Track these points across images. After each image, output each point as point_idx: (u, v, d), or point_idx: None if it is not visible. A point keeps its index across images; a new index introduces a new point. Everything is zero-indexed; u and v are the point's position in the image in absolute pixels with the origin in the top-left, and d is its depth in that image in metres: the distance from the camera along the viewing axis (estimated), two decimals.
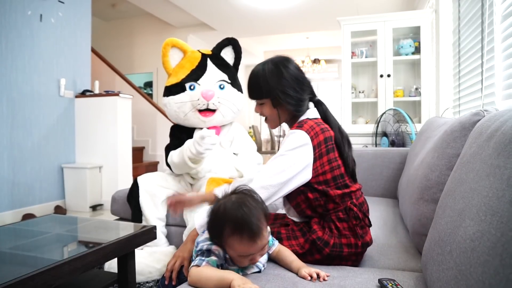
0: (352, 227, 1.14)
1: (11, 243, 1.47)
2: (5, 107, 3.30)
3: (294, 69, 1.22)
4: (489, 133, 0.78)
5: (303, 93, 1.22)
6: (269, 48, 9.00)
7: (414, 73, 3.65)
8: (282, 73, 1.19)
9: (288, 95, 1.18)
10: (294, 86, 1.20)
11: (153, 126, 5.72)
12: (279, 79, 1.18)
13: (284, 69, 1.20)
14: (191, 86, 2.19)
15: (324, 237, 1.12)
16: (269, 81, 1.19)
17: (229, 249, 0.96)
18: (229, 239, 0.94)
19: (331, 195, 1.15)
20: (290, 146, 1.12)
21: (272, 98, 1.20)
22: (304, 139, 1.12)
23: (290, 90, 1.19)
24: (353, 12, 5.25)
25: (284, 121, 1.27)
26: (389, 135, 3.24)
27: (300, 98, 1.21)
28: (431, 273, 0.82)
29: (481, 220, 0.64)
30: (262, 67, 1.22)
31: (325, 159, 1.15)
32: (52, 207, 3.70)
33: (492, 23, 1.91)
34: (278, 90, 1.18)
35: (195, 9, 5.63)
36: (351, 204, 1.17)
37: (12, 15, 3.34)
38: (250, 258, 0.96)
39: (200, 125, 2.23)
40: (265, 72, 1.20)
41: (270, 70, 1.20)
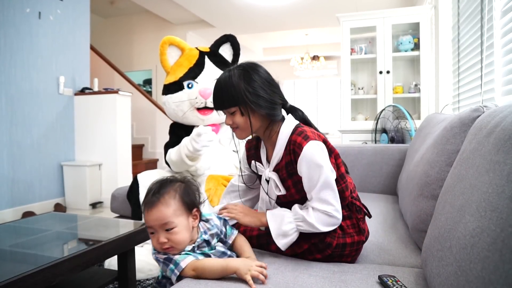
0: (356, 223, 1.13)
1: (12, 241, 1.47)
2: (4, 104, 3.29)
3: (264, 72, 1.15)
4: (488, 129, 0.77)
5: (275, 96, 1.14)
6: (268, 45, 8.98)
7: (413, 70, 3.64)
8: (252, 76, 1.10)
9: (260, 97, 1.09)
10: (266, 89, 1.11)
11: (152, 123, 5.71)
12: (249, 82, 1.09)
13: (253, 71, 1.12)
14: (189, 85, 2.19)
15: (326, 239, 1.09)
16: (239, 85, 1.09)
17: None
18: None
19: (346, 191, 1.12)
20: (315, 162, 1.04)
21: (243, 103, 1.09)
22: (319, 145, 1.06)
23: (262, 92, 1.10)
24: (352, 9, 5.24)
25: (257, 129, 1.15)
26: (389, 132, 3.24)
27: (273, 101, 1.12)
28: (431, 269, 0.82)
29: (481, 216, 0.64)
30: (229, 73, 1.12)
31: (334, 155, 1.12)
32: (51, 205, 3.70)
33: (491, 18, 1.91)
34: (249, 93, 1.08)
35: (194, 6, 5.61)
36: (352, 199, 1.15)
37: (11, 13, 3.33)
38: (156, 237, 0.99)
39: (199, 123, 2.24)
40: (233, 78, 1.10)
41: (238, 75, 1.10)
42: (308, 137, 1.06)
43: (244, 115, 1.11)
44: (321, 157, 1.05)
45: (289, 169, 1.10)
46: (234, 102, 1.10)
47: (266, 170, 1.19)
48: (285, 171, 1.12)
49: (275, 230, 1.08)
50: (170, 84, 2.24)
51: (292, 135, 1.09)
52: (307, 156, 1.04)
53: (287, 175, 1.12)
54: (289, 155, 1.09)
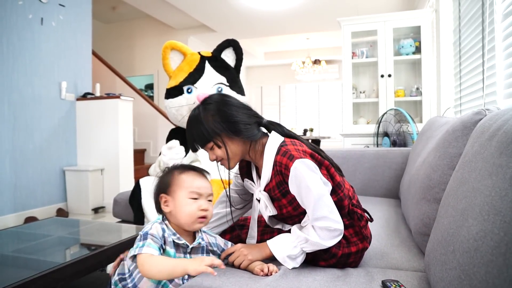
0: (359, 231, 1.11)
1: (14, 246, 1.47)
2: (6, 110, 3.30)
3: (228, 99, 1.14)
4: (491, 132, 0.77)
5: (244, 117, 1.11)
6: (269, 49, 9.01)
7: (415, 73, 3.65)
8: (216, 106, 1.10)
9: (234, 123, 1.08)
10: (233, 113, 1.09)
11: (154, 128, 5.72)
12: (215, 112, 1.09)
13: (216, 101, 1.12)
14: (188, 89, 2.20)
15: (332, 250, 1.07)
16: (207, 120, 1.08)
17: (179, 191, 1.06)
18: (178, 179, 1.07)
19: (344, 200, 1.09)
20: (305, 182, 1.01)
21: (216, 136, 1.08)
22: (305, 164, 1.03)
23: (233, 118, 1.08)
24: (353, 13, 5.26)
25: (241, 154, 1.14)
26: (391, 135, 3.24)
27: (247, 122, 1.10)
28: (434, 273, 0.82)
29: (484, 220, 0.63)
30: (194, 113, 1.12)
31: (325, 165, 1.09)
32: (54, 210, 3.70)
33: (492, 21, 1.91)
34: (218, 123, 1.07)
35: (195, 11, 5.63)
36: (353, 207, 1.13)
37: (13, 19, 3.35)
38: (199, 205, 1.04)
39: None
40: (199, 115, 1.10)
41: (203, 109, 1.10)
42: (293, 157, 1.03)
43: (221, 146, 1.10)
44: (309, 176, 1.02)
45: (281, 188, 1.08)
46: (206, 138, 1.09)
47: (257, 189, 1.18)
48: (278, 191, 1.09)
49: (282, 257, 1.04)
50: (171, 89, 2.25)
51: (277, 156, 1.06)
52: (295, 177, 1.02)
53: (281, 195, 1.09)
54: (278, 175, 1.07)
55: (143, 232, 1.00)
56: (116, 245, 1.33)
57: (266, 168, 1.09)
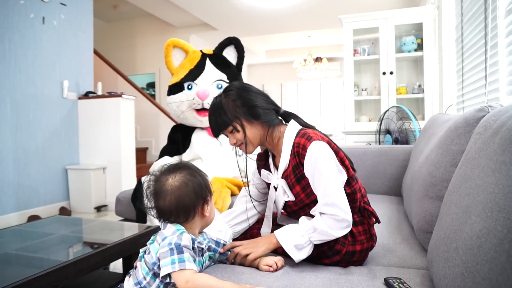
0: (368, 229, 1.11)
1: (17, 245, 1.48)
2: (9, 109, 3.31)
3: (250, 87, 1.18)
4: (494, 129, 0.77)
5: (267, 103, 1.16)
6: (270, 47, 8.99)
7: (417, 70, 3.63)
8: (237, 91, 1.14)
9: (250, 107, 1.13)
10: (254, 98, 1.14)
11: (156, 126, 5.73)
12: (236, 97, 1.13)
13: (240, 88, 1.16)
14: (189, 86, 2.22)
15: (336, 246, 1.07)
16: (227, 104, 1.13)
17: (206, 212, 1.02)
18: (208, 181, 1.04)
19: (357, 193, 1.10)
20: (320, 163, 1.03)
21: (236, 120, 1.13)
22: (323, 146, 1.06)
23: (251, 101, 1.13)
24: (355, 10, 5.24)
25: (259, 139, 1.17)
26: (393, 133, 3.23)
27: (266, 107, 1.15)
28: (437, 270, 0.82)
29: (487, 217, 0.63)
30: (216, 99, 1.17)
31: (340, 156, 1.11)
32: (56, 209, 3.72)
33: (495, 18, 1.90)
34: (238, 107, 1.12)
35: (196, 9, 5.63)
36: (365, 204, 1.14)
37: (15, 18, 3.36)
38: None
39: (198, 124, 2.25)
40: (220, 100, 1.15)
41: (224, 96, 1.15)
42: (311, 138, 1.06)
43: (240, 130, 1.13)
44: (325, 157, 1.04)
45: (297, 172, 1.10)
46: (226, 122, 1.13)
47: (274, 177, 1.20)
48: (293, 176, 1.11)
49: (289, 245, 1.04)
50: (173, 85, 2.27)
51: (296, 138, 1.09)
52: (312, 157, 1.05)
53: (296, 180, 1.11)
54: (295, 158, 1.09)
55: (175, 244, 0.90)
56: (118, 244, 1.33)
57: (285, 154, 1.12)
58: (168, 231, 0.95)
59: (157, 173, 1.03)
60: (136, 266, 1.01)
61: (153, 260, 0.93)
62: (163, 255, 0.90)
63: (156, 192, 0.99)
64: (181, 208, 0.97)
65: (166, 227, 0.98)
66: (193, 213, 0.99)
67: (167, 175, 1.00)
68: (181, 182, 0.99)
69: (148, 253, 0.96)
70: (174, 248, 0.90)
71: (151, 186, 1.01)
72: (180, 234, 0.94)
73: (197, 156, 2.28)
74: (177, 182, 0.98)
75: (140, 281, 0.96)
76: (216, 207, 1.92)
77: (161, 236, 0.96)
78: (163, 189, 0.98)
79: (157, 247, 0.94)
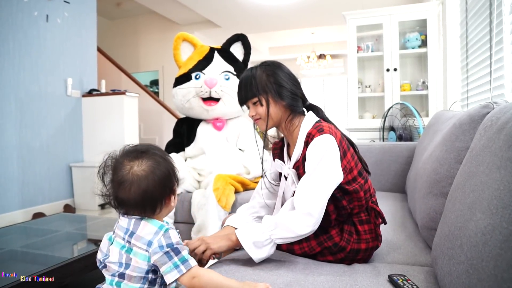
0: (374, 229, 1.11)
1: (22, 242, 1.49)
2: (13, 107, 3.33)
3: (286, 68, 1.19)
4: (499, 125, 0.76)
5: (297, 89, 1.17)
6: (274, 44, 8.97)
7: (421, 67, 3.61)
8: (274, 69, 1.15)
9: (282, 87, 1.13)
10: (287, 80, 1.15)
11: (159, 124, 5.74)
12: (271, 73, 1.14)
13: (275, 66, 1.16)
14: (196, 76, 2.22)
15: (341, 243, 1.07)
16: (260, 77, 1.13)
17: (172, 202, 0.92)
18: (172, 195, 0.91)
19: (360, 191, 1.10)
20: (320, 155, 1.03)
21: (264, 93, 1.13)
22: (330, 141, 1.05)
23: (283, 83, 1.14)
24: (358, 6, 5.21)
25: (278, 120, 1.16)
26: (397, 130, 3.22)
27: (295, 92, 1.16)
28: (441, 267, 0.82)
29: (492, 214, 0.63)
30: (251, 69, 1.17)
31: (349, 155, 1.11)
32: (61, 206, 3.74)
33: (501, 13, 1.88)
34: (271, 83, 1.13)
35: (200, 6, 5.62)
36: (373, 203, 1.13)
37: (19, 16, 3.37)
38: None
39: (203, 114, 2.25)
40: (255, 71, 1.15)
41: (260, 68, 1.16)
42: (323, 130, 1.06)
43: (264, 105, 1.13)
44: (326, 152, 1.04)
45: (305, 164, 1.10)
46: (254, 92, 1.13)
47: (286, 166, 1.20)
48: (302, 167, 1.11)
49: (247, 242, 1.00)
50: (180, 76, 2.29)
51: (310, 129, 1.10)
52: (314, 147, 1.05)
53: (303, 171, 1.11)
54: (305, 147, 1.09)
55: (168, 245, 0.82)
56: None
57: (299, 144, 1.13)
58: (147, 232, 0.85)
59: (117, 156, 0.89)
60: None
61: (146, 268, 0.84)
62: (160, 261, 0.82)
63: (119, 181, 0.86)
64: (147, 200, 0.86)
65: (140, 226, 0.86)
66: (160, 205, 0.88)
67: (131, 161, 0.87)
68: (148, 171, 0.86)
69: (128, 267, 0.85)
70: (170, 251, 0.82)
71: (111, 172, 0.88)
72: (165, 232, 0.85)
73: (202, 151, 2.27)
74: (143, 171, 0.85)
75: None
76: (220, 205, 1.93)
77: (141, 241, 0.84)
78: (126, 178, 0.85)
79: (144, 254, 0.84)
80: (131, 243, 0.85)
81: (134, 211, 0.88)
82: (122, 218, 0.89)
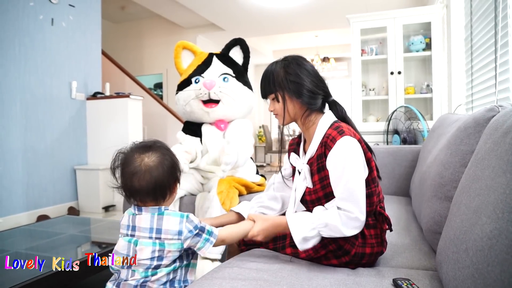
0: (380, 234, 1.10)
1: (27, 244, 1.49)
2: (19, 110, 3.35)
3: (309, 65, 1.18)
4: (505, 128, 0.76)
5: (316, 88, 1.16)
6: (278, 47, 8.98)
7: (425, 70, 3.60)
8: (293, 65, 1.15)
9: (299, 84, 1.13)
10: (305, 78, 1.14)
11: (163, 127, 5.75)
12: (289, 70, 1.14)
13: (296, 62, 1.17)
14: (196, 80, 2.25)
15: (345, 246, 1.07)
16: (278, 73, 1.15)
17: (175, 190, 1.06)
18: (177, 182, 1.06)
19: (372, 196, 1.09)
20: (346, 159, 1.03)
21: (280, 90, 1.15)
22: (352, 142, 1.05)
23: (300, 80, 1.13)
24: (362, 9, 5.21)
25: (294, 115, 1.18)
26: (401, 133, 3.21)
27: (313, 91, 1.14)
28: (446, 271, 0.81)
29: (498, 218, 0.62)
30: (275, 63, 1.19)
31: (367, 157, 1.10)
32: (65, 209, 3.75)
33: (505, 16, 1.88)
34: (287, 80, 1.14)
35: (204, 9, 5.64)
36: (381, 209, 1.13)
37: (25, 20, 3.40)
38: None
39: (204, 117, 2.25)
40: (275, 66, 1.17)
41: (281, 64, 1.17)
42: (343, 132, 1.06)
43: (281, 101, 1.16)
44: (352, 153, 1.04)
45: (319, 162, 1.10)
46: (271, 88, 1.16)
47: (300, 161, 1.21)
48: (316, 164, 1.12)
49: (298, 238, 1.04)
50: (181, 83, 2.31)
51: (328, 129, 1.10)
52: (339, 151, 1.04)
53: (316, 169, 1.12)
54: (322, 147, 1.09)
55: (195, 227, 0.97)
56: None
57: (315, 141, 1.13)
58: (173, 224, 0.96)
59: (128, 150, 1.01)
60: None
61: (179, 253, 0.98)
62: (193, 242, 0.97)
63: (131, 172, 0.96)
64: (158, 187, 0.97)
65: (164, 222, 0.96)
66: (169, 191, 1.01)
67: (142, 154, 0.99)
68: (157, 162, 0.98)
69: (162, 259, 0.96)
70: (198, 231, 0.98)
71: (122, 165, 0.99)
72: (187, 218, 0.98)
73: (206, 150, 2.27)
74: (153, 162, 0.97)
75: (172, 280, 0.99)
76: (224, 208, 1.93)
77: (171, 233, 0.95)
78: (139, 169, 0.96)
79: (177, 242, 0.96)
80: (161, 238, 0.96)
81: (147, 199, 0.98)
82: (138, 217, 0.98)
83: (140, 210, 0.99)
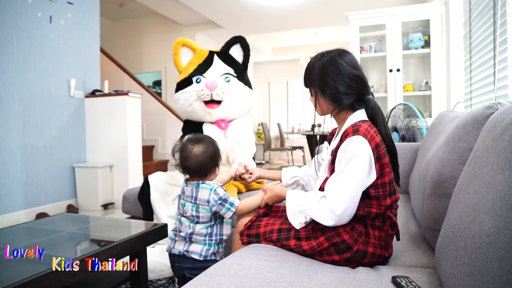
0: (384, 237, 1.10)
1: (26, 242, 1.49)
2: (17, 107, 3.34)
3: (341, 64, 1.16)
4: (503, 126, 0.76)
5: (346, 88, 1.15)
6: (276, 44, 8.96)
7: (424, 67, 3.60)
8: (327, 64, 1.17)
9: (325, 83, 1.16)
10: (336, 77, 1.15)
11: (162, 124, 5.74)
12: (323, 68, 1.17)
13: (333, 59, 1.16)
14: (197, 79, 2.23)
15: (348, 241, 1.07)
16: (314, 69, 1.19)
17: (217, 172, 1.50)
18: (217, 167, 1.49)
19: (383, 199, 1.09)
20: (350, 155, 1.05)
21: (313, 85, 1.21)
22: (362, 142, 1.05)
23: (330, 80, 1.15)
24: (361, 7, 5.20)
25: (325, 111, 1.23)
26: (400, 130, 3.21)
27: (338, 91, 1.15)
28: (445, 269, 0.81)
29: (496, 215, 0.62)
30: (318, 56, 1.22)
31: (383, 161, 1.09)
32: (64, 206, 3.75)
33: (505, 14, 1.88)
34: (319, 78, 1.17)
35: (202, 7, 5.63)
36: (391, 213, 1.11)
37: (23, 18, 3.38)
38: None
39: (206, 117, 2.25)
40: (315, 62, 1.20)
41: (320, 58, 1.20)
42: (357, 131, 1.07)
43: (315, 96, 1.22)
44: (355, 153, 1.05)
45: (335, 154, 1.13)
46: (307, 83, 1.25)
47: (327, 151, 1.27)
48: (332, 156, 1.15)
49: (288, 207, 1.19)
50: (181, 81, 2.29)
51: (349, 126, 1.12)
52: (346, 146, 1.07)
53: (331, 161, 1.15)
54: (340, 142, 1.11)
55: (220, 198, 1.38)
56: (125, 241, 1.34)
57: (338, 136, 1.16)
58: (204, 194, 1.39)
59: (184, 141, 1.45)
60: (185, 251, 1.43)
61: (210, 215, 1.42)
62: (218, 208, 1.40)
63: (185, 156, 1.41)
64: (202, 168, 1.42)
65: (199, 192, 1.40)
66: (209, 172, 1.45)
67: (193, 145, 1.43)
68: (202, 151, 1.42)
69: (198, 217, 1.42)
70: (222, 201, 1.39)
71: (180, 151, 1.43)
72: (214, 191, 1.39)
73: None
74: (199, 151, 1.41)
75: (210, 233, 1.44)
76: None
77: (203, 201, 1.40)
78: (189, 155, 1.41)
79: (207, 207, 1.40)
80: (197, 203, 1.42)
81: (194, 175, 1.44)
82: (186, 188, 1.45)
83: (187, 184, 1.45)
